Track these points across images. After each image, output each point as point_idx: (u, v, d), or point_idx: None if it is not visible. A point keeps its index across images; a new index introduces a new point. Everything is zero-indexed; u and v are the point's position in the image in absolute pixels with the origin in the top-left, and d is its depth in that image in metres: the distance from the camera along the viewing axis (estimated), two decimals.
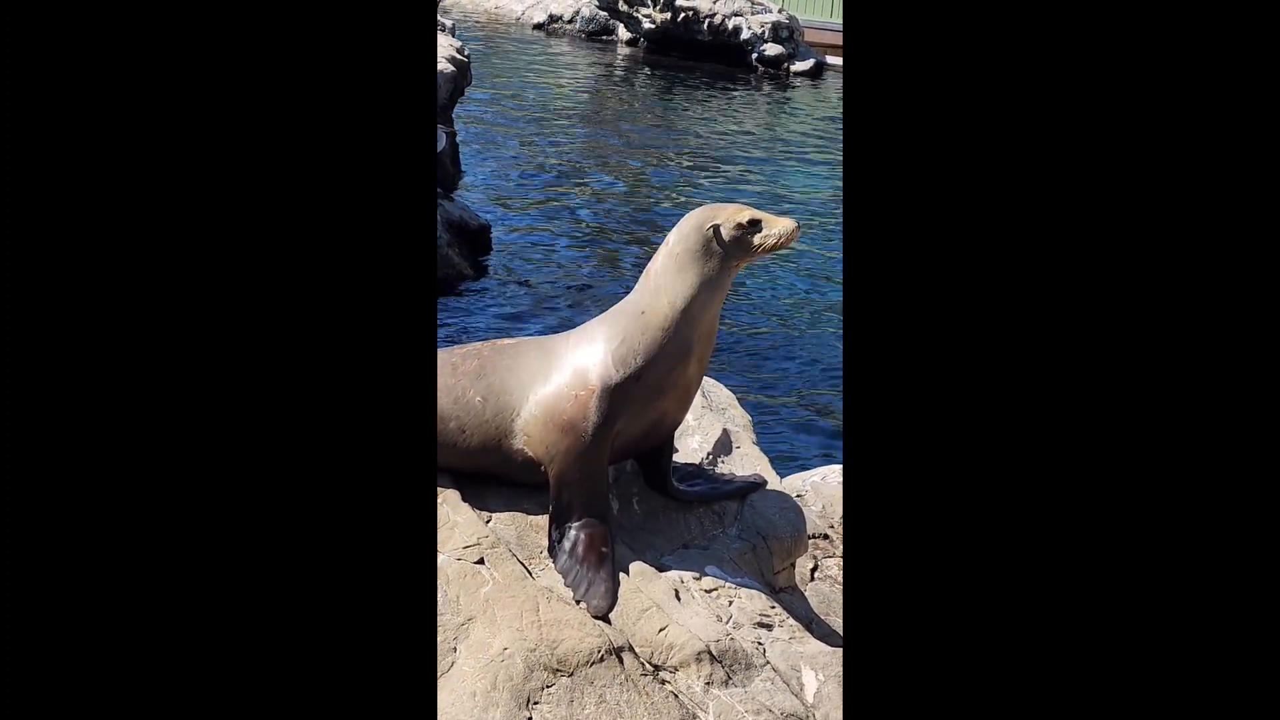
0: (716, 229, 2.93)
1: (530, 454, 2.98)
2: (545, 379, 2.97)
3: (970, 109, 1.77)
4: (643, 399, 2.95)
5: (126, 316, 1.73)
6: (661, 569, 2.99)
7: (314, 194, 1.80)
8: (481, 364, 3.04)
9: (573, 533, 2.94)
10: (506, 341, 3.18)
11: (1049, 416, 1.72)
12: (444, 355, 3.08)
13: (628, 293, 3.07)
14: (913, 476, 1.76)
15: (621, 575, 2.89)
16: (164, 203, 1.75)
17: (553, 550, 2.94)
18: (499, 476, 3.06)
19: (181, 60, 1.76)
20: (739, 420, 3.74)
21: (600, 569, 2.88)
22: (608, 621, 2.75)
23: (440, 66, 12.46)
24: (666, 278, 2.95)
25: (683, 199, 12.58)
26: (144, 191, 1.74)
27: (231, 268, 1.76)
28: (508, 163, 13.78)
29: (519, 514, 3.00)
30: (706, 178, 13.90)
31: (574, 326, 3.17)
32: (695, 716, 2.64)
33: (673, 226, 3.02)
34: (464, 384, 3.00)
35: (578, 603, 2.81)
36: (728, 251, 2.94)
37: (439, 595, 2.72)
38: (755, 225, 2.94)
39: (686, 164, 14.59)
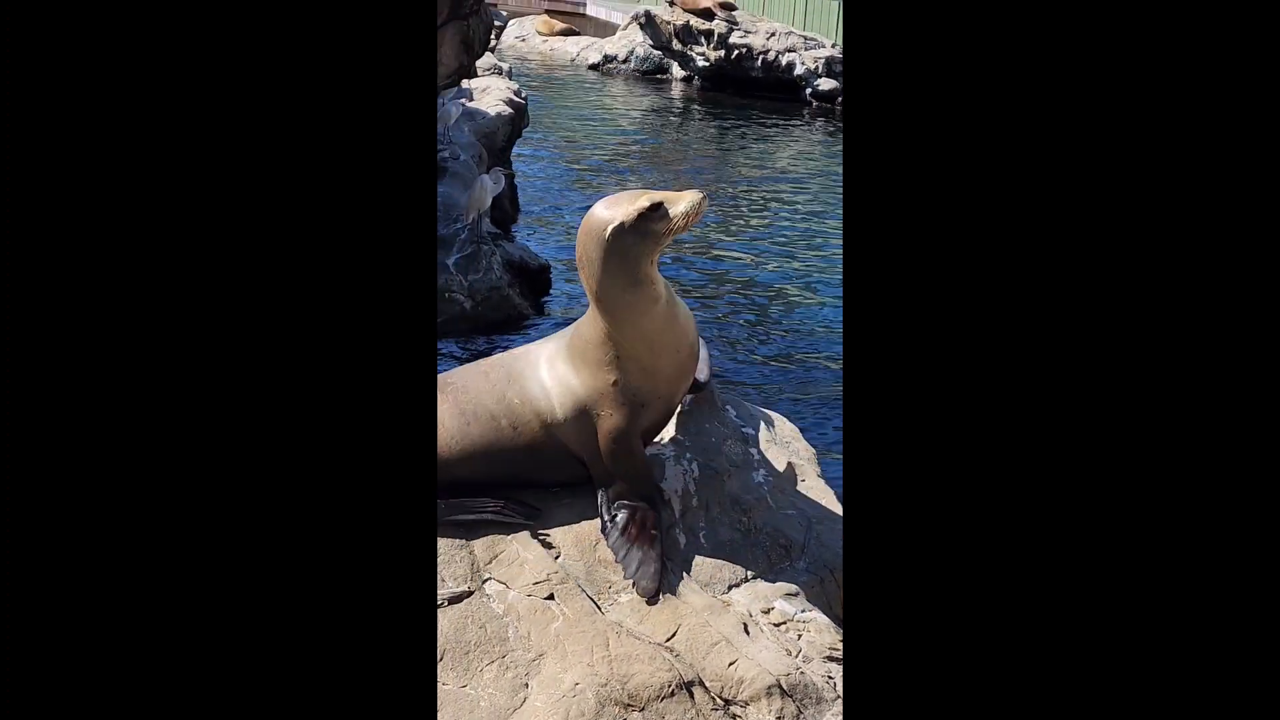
0: (619, 229, 2.81)
1: (578, 450, 3.10)
2: (564, 388, 3.07)
3: (970, 134, 1.78)
4: (654, 400, 3.09)
5: (127, 341, 1.73)
6: (729, 603, 2.99)
7: (314, 215, 1.80)
8: (507, 370, 3.16)
9: (622, 515, 3.05)
10: (515, 350, 3.29)
11: (1056, 452, 1.72)
12: (469, 368, 3.24)
13: None
14: (914, 506, 1.76)
15: (689, 609, 2.90)
16: (164, 215, 1.75)
17: (604, 530, 3.05)
18: (549, 479, 3.16)
19: (183, 68, 1.77)
20: (804, 453, 3.74)
21: (650, 548, 2.99)
22: (671, 651, 2.76)
23: (498, 110, 12.64)
24: (604, 301, 2.94)
25: (740, 234, 12.61)
26: (145, 203, 1.74)
27: (219, 296, 1.76)
28: (566, 202, 13.89)
29: (587, 549, 3.02)
30: (763, 212, 13.92)
31: None
32: None
33: (732, 258, 3.07)
34: (500, 387, 3.12)
35: (628, 580, 2.95)
36: (638, 246, 2.84)
37: (510, 631, 2.74)
38: (658, 209, 2.81)
39: (743, 199, 14.62)
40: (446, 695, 2.62)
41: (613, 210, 2.85)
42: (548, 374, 3.11)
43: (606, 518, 3.08)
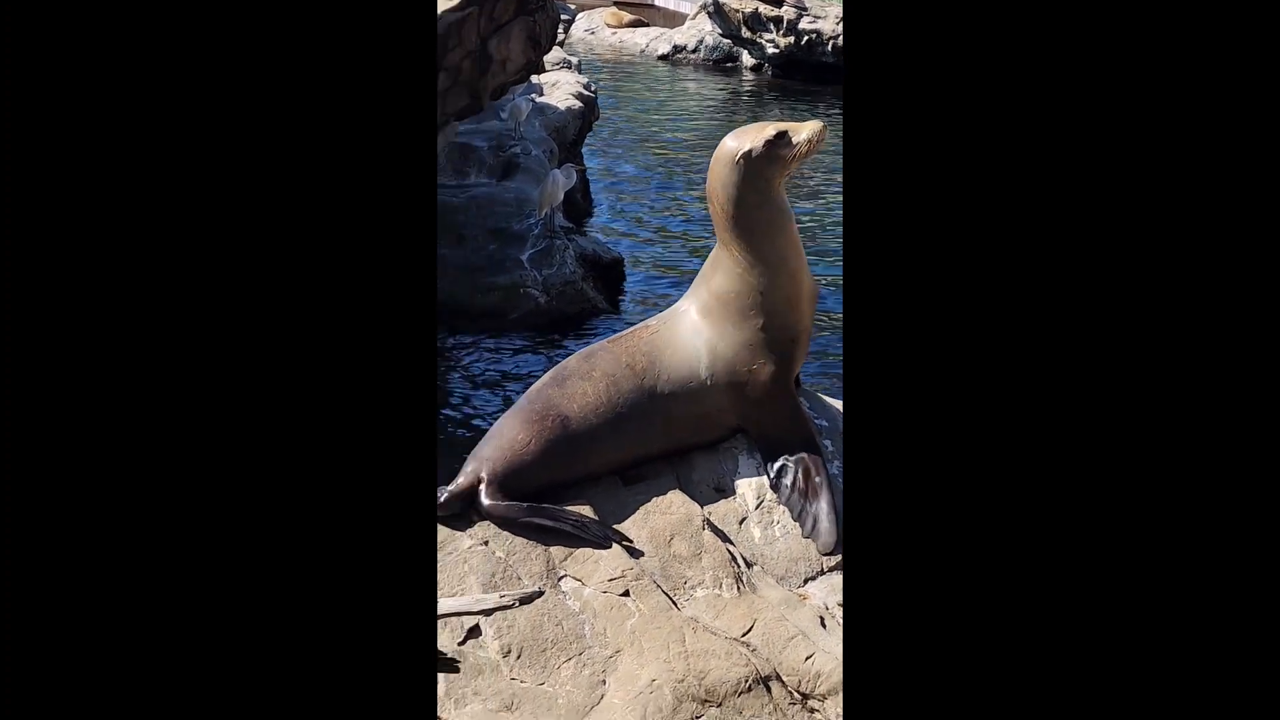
0: (748, 155, 3.03)
1: (732, 417, 3.22)
2: (713, 353, 3.14)
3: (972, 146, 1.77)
4: (801, 335, 3.21)
5: (127, 346, 1.74)
6: (806, 595, 2.98)
7: (315, 235, 1.81)
8: (646, 354, 3.18)
9: (791, 468, 3.16)
10: (643, 331, 3.28)
11: (1063, 479, 1.71)
12: (596, 358, 3.20)
13: None
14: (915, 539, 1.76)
15: (765, 603, 2.89)
16: (165, 222, 1.75)
17: (775, 487, 3.16)
18: (690, 446, 3.25)
19: (184, 76, 1.77)
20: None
21: (819, 499, 3.10)
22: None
23: (568, 104, 12.68)
24: (739, 228, 3.08)
25: (812, 218, 12.52)
26: (146, 236, 1.75)
27: (220, 313, 1.77)
28: (638, 194, 13.90)
29: (662, 545, 3.03)
30: (837, 195, 13.81)
31: None
32: None
33: (803, 244, 3.21)
34: (643, 371, 3.14)
35: (806, 538, 3.07)
36: (767, 169, 3.05)
37: (586, 628, 2.76)
38: (783, 137, 3.05)
39: (816, 183, 14.52)
40: (524, 692, 2.65)
41: (741, 139, 3.08)
42: (696, 342, 3.16)
43: (773, 476, 3.16)
